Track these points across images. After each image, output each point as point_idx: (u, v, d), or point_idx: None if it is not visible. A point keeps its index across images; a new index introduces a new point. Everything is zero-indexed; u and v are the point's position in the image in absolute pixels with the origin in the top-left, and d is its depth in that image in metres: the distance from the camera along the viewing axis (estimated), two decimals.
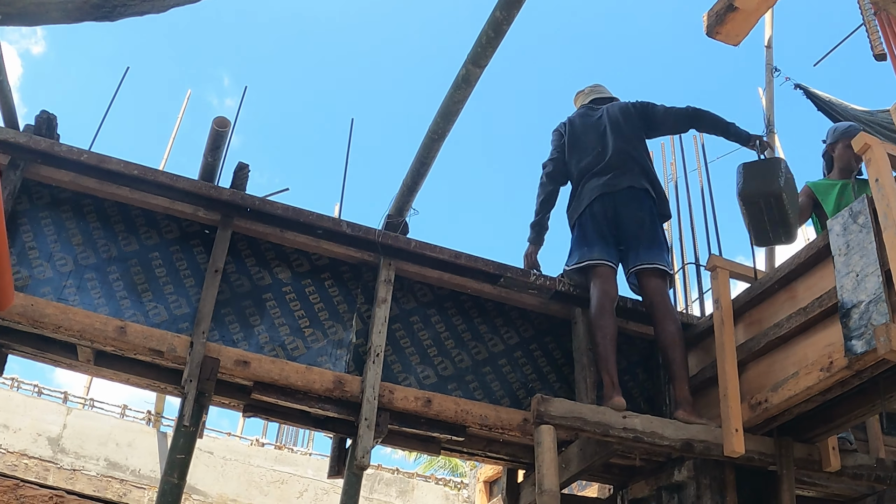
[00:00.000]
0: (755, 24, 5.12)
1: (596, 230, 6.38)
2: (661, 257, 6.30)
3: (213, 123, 6.11)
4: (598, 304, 6.10)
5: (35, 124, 5.94)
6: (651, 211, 6.45)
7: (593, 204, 6.46)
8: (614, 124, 6.75)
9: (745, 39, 5.18)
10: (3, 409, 13.45)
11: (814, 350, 5.11)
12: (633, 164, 6.55)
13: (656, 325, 6.16)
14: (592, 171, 6.62)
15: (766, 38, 9.95)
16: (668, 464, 6.07)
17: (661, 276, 6.24)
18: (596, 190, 6.49)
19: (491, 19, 4.92)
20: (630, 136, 6.70)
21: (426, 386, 6.02)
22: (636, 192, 6.44)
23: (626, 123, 6.75)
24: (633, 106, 6.91)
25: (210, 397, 5.48)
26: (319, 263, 6.25)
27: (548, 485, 5.05)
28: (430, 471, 22.85)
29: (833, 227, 5.00)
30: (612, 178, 6.48)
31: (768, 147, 6.65)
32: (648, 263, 6.23)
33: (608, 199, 6.43)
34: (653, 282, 6.22)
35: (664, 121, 6.85)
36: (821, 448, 5.72)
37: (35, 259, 5.64)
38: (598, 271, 6.26)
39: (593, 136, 6.80)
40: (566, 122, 7.11)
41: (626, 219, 6.35)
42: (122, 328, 5.45)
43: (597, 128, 6.84)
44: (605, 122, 6.82)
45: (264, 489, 14.29)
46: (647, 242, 6.29)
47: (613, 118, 6.81)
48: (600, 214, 6.41)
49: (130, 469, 13.54)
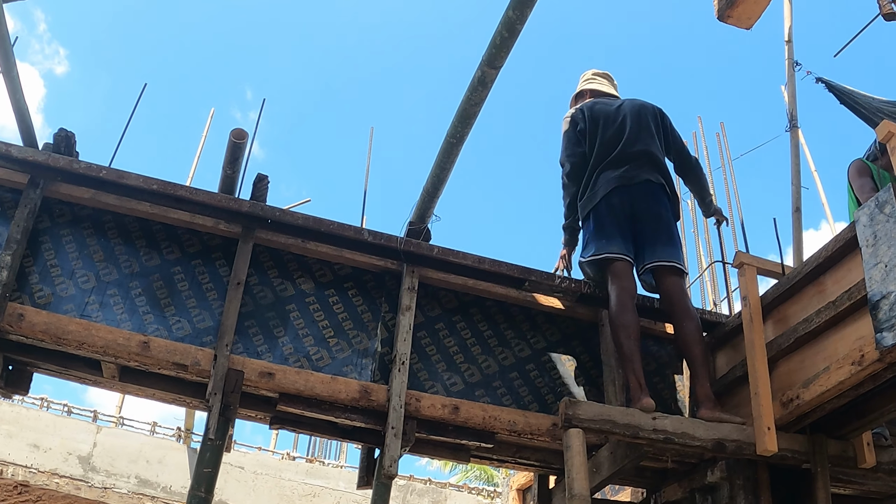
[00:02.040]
0: (767, 5, 5.05)
1: (614, 223, 6.27)
2: (677, 255, 6.23)
3: (230, 135, 6.10)
4: (619, 301, 6.01)
5: (54, 142, 5.94)
6: (667, 207, 6.40)
7: (610, 196, 6.34)
8: (634, 117, 6.64)
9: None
10: (33, 429, 13.51)
11: (844, 344, 5.04)
12: (649, 158, 6.46)
13: (676, 324, 6.10)
14: (607, 161, 6.49)
15: (786, 32, 9.88)
16: (701, 465, 6.01)
17: (678, 274, 6.17)
18: (612, 182, 6.37)
19: (504, 19, 4.88)
20: (648, 133, 6.61)
21: (453, 393, 5.97)
22: (653, 186, 6.36)
23: (645, 120, 6.66)
24: (655, 109, 6.84)
25: (235, 410, 5.45)
26: (342, 273, 6.22)
27: (578, 489, 5.00)
28: (463, 481, 22.85)
29: (860, 218, 4.93)
30: (629, 170, 6.38)
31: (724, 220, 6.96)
32: (666, 261, 6.15)
33: (625, 192, 6.32)
34: (671, 279, 6.15)
35: (672, 143, 6.80)
36: (855, 444, 5.64)
37: (57, 276, 5.64)
38: (615, 267, 6.16)
39: (610, 126, 6.65)
40: (582, 111, 6.90)
41: (643, 213, 6.27)
42: (145, 343, 5.43)
43: (614, 118, 6.69)
44: (625, 113, 6.69)
45: (296, 503, 14.29)
46: (665, 239, 6.22)
47: (633, 112, 6.69)
48: (618, 207, 6.30)
49: (161, 486, 13.57)
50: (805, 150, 13.78)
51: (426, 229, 6.31)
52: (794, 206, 8.52)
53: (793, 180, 8.73)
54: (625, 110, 6.72)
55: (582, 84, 7.30)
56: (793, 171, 8.79)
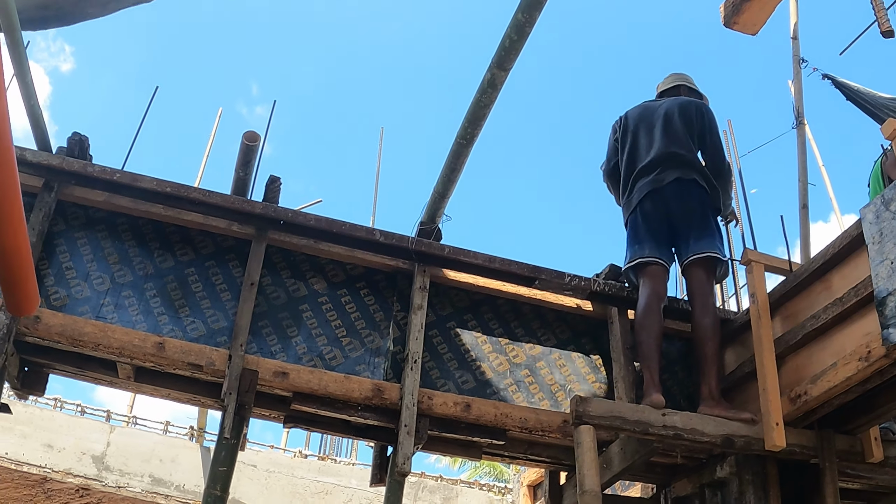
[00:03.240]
0: (772, 12, 5.10)
1: (647, 228, 6.37)
2: (708, 245, 6.22)
3: (242, 138, 6.15)
4: (646, 303, 6.09)
5: (67, 146, 5.99)
6: (701, 199, 6.40)
7: (643, 202, 6.45)
8: (667, 120, 6.67)
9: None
10: (47, 430, 13.54)
11: (851, 340, 5.08)
12: (677, 158, 6.48)
13: (692, 319, 6.15)
14: (640, 169, 6.58)
15: (792, 28, 9.91)
16: (710, 461, 6.06)
17: (704, 267, 6.17)
18: (645, 188, 6.47)
19: (513, 22, 4.92)
20: (680, 133, 6.60)
21: (465, 391, 6.02)
22: (683, 183, 6.39)
23: (681, 119, 6.65)
24: (693, 107, 6.79)
25: (250, 409, 5.51)
26: (354, 273, 6.27)
27: (589, 485, 5.05)
28: (474, 477, 22.84)
29: (866, 216, 4.97)
30: (659, 173, 6.45)
31: (736, 220, 7.03)
32: (694, 254, 6.19)
33: (657, 196, 6.40)
34: (694, 273, 6.19)
35: (707, 146, 6.70)
36: (863, 439, 5.68)
37: (72, 279, 5.70)
38: (648, 270, 6.26)
39: (644, 133, 6.74)
40: (621, 119, 7.01)
41: (676, 211, 6.33)
42: (160, 344, 5.49)
43: (651, 124, 6.74)
44: (659, 117, 6.73)
45: (308, 500, 14.32)
46: (697, 232, 6.25)
47: (669, 114, 6.71)
48: (651, 212, 6.40)
49: (175, 485, 13.61)
50: (812, 146, 13.80)
51: (437, 229, 6.35)
52: (802, 202, 8.54)
53: (800, 177, 8.75)
54: (660, 114, 6.76)
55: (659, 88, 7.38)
56: (800, 168, 8.81)
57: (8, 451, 12.87)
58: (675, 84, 7.22)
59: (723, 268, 6.29)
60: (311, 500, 14.35)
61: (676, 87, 7.19)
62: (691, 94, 7.14)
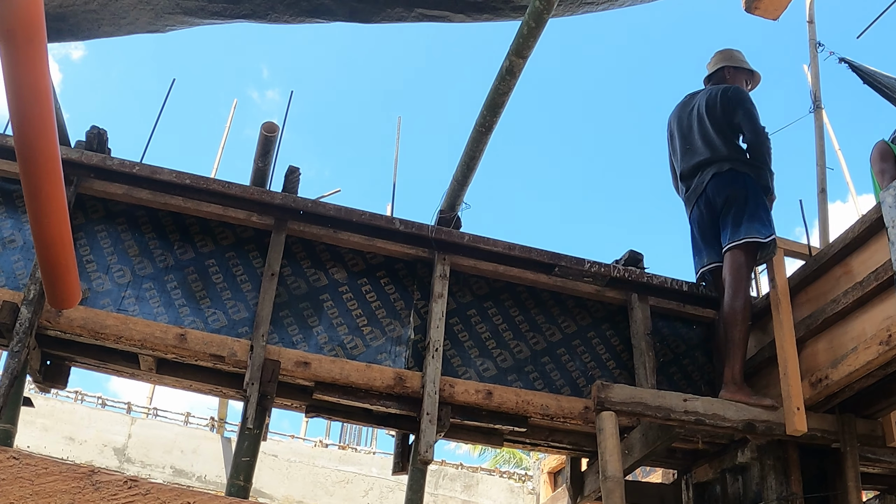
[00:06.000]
0: None
1: (698, 236, 6.51)
2: (747, 231, 6.11)
3: (261, 129, 6.15)
4: None
5: (86, 140, 6.00)
6: (744, 184, 6.31)
7: (693, 211, 6.57)
8: (700, 119, 6.70)
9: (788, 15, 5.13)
10: (68, 422, 13.63)
11: (872, 324, 5.08)
12: (712, 157, 6.49)
13: (722, 303, 6.13)
14: (685, 175, 6.70)
15: (808, 12, 9.88)
16: (731, 446, 6.07)
17: (737, 251, 6.10)
18: (691, 196, 6.59)
19: (531, 9, 4.92)
20: (710, 130, 6.60)
21: (486, 378, 6.03)
22: (720, 177, 6.38)
23: (709, 115, 6.66)
24: (721, 95, 6.72)
25: (272, 399, 5.54)
26: (374, 262, 6.28)
27: (611, 471, 5.06)
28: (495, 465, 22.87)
29: (885, 199, 4.96)
30: (700, 177, 6.52)
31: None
32: (730, 243, 6.15)
33: (702, 200, 6.46)
34: (728, 258, 6.17)
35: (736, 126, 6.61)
36: (884, 423, 5.68)
37: (93, 272, 5.72)
38: (708, 278, 6.51)
39: (681, 138, 6.83)
40: (668, 123, 7.12)
41: (719, 206, 6.33)
42: (182, 335, 5.51)
43: (687, 126, 6.82)
44: (694, 118, 6.77)
45: (329, 489, 14.38)
46: (735, 219, 6.18)
47: (700, 112, 6.74)
48: (698, 218, 6.50)
49: (196, 475, 13.69)
50: (829, 130, 13.75)
51: (456, 217, 6.34)
52: (820, 186, 8.54)
53: (818, 161, 8.75)
54: (693, 114, 6.81)
55: None
56: (817, 153, 8.81)
57: (30, 445, 12.94)
58: (718, 67, 7.17)
59: (766, 249, 6.13)
60: (331, 488, 14.41)
61: (720, 69, 7.15)
62: (736, 73, 7.08)
